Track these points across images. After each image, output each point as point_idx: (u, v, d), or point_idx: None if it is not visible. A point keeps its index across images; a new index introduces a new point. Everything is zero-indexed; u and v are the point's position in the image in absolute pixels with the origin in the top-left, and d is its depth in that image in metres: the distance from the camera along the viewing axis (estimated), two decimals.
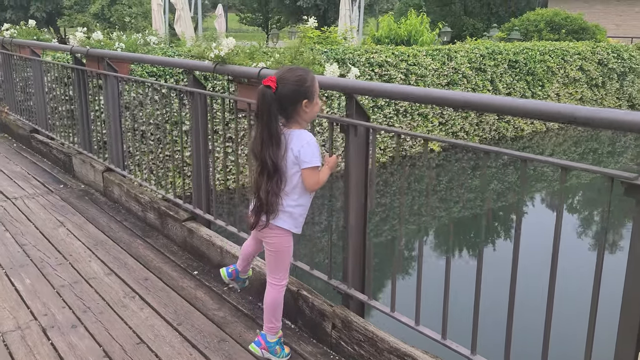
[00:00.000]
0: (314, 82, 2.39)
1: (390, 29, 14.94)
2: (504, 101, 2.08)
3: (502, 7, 44.86)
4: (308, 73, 2.41)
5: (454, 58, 13.40)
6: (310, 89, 2.37)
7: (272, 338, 2.62)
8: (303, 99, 2.36)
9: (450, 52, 13.45)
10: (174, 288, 3.39)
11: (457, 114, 13.32)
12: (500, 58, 14.25)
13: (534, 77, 14.93)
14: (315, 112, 2.43)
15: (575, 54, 16.17)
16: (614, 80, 17.36)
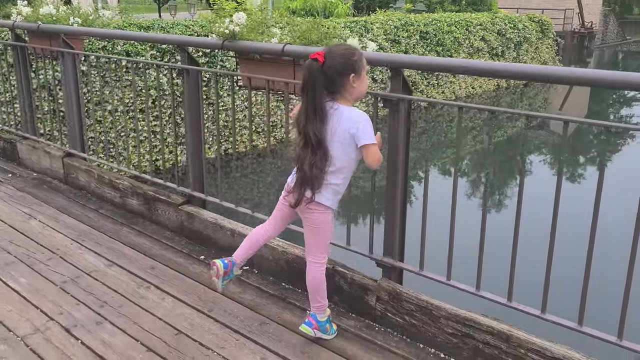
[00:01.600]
0: (362, 57, 2.38)
1: (305, 1, 14.90)
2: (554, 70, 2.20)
3: None
4: (354, 49, 2.39)
5: (371, 30, 13.65)
6: (358, 63, 2.35)
7: (322, 317, 2.62)
8: (351, 72, 2.34)
9: (366, 24, 13.68)
10: (187, 275, 3.27)
11: (377, 85, 13.61)
12: (413, 29, 14.70)
13: (444, 48, 15.55)
14: (363, 89, 2.42)
15: (477, 25, 17.01)
16: (512, 49, 18.49)
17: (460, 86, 16.14)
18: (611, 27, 39.28)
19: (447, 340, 2.52)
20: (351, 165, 2.46)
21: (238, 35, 3.03)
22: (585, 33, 32.39)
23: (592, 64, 31.06)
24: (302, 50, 2.81)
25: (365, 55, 2.45)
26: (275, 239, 3.28)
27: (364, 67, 2.38)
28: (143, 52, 9.84)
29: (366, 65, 2.40)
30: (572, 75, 2.14)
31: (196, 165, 3.65)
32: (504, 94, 17.83)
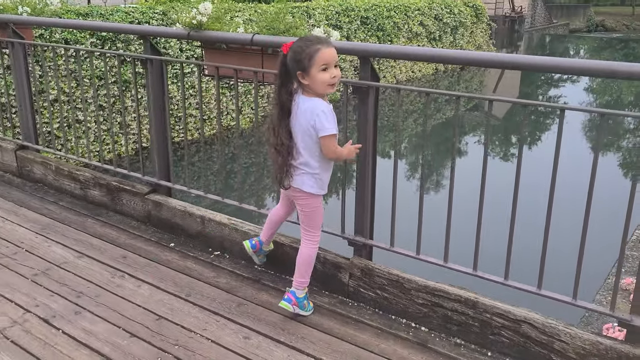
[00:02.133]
0: (314, 54, 2.38)
1: None
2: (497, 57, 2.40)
3: None
4: (308, 45, 2.41)
5: (313, 15, 13.73)
6: (304, 62, 2.39)
7: (301, 293, 2.76)
8: (297, 70, 2.42)
9: (308, 10, 13.75)
10: (159, 262, 3.32)
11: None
12: (354, 15, 14.88)
13: (384, 33, 15.83)
14: (316, 86, 2.44)
15: (415, 10, 17.38)
16: (449, 34, 19.00)
17: (400, 70, 16.51)
18: (539, 11, 40.87)
19: (418, 311, 2.71)
20: (321, 154, 2.56)
21: (204, 26, 3.08)
22: (516, 17, 33.59)
23: (523, 47, 32.28)
24: (270, 40, 2.90)
25: (335, 45, 2.56)
26: (245, 223, 3.39)
27: (314, 65, 2.39)
28: (82, 39, 9.58)
29: (323, 61, 2.39)
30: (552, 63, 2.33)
31: (161, 154, 3.68)
32: (442, 77, 18.38)
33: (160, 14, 10.66)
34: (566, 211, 2.79)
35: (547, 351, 2.37)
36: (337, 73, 2.45)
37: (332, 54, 2.43)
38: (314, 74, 2.40)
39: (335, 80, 2.44)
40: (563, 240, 3.26)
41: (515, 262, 2.54)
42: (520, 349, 2.45)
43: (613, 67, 2.09)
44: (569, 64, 2.35)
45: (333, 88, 2.46)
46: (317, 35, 2.54)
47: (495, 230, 2.87)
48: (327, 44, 2.44)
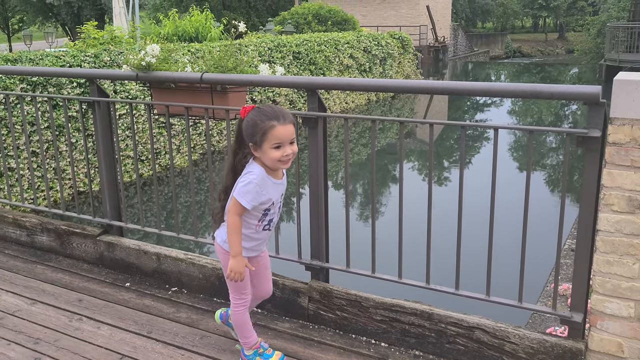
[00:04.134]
0: (267, 131, 2.28)
1: (177, 26, 14.86)
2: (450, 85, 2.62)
3: (259, 1, 46.65)
4: (263, 120, 2.30)
5: (246, 52, 13.93)
6: (257, 136, 2.30)
7: (249, 352, 2.67)
8: (249, 141, 2.35)
9: (241, 47, 13.95)
10: (117, 302, 3.31)
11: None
12: (286, 50, 15.21)
13: (316, 66, 16.22)
14: (267, 160, 2.35)
15: (345, 43, 17.93)
16: (378, 65, 19.67)
17: (334, 102, 16.91)
18: (460, 40, 42.90)
19: (377, 327, 2.84)
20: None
21: (153, 67, 3.17)
22: (440, 47, 35.12)
23: (448, 74, 33.68)
24: (219, 77, 3.02)
25: (283, 79, 2.71)
26: (202, 257, 3.44)
27: (266, 141, 2.29)
28: (12, 85, 9.36)
29: (276, 139, 2.29)
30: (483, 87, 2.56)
31: (112, 194, 3.69)
32: (374, 107, 18.92)
33: (92, 57, 10.56)
34: (508, 225, 3.01)
35: (499, 353, 2.55)
36: (291, 150, 2.34)
37: (287, 132, 2.30)
38: (265, 149, 2.31)
39: (287, 158, 2.33)
40: (507, 251, 3.49)
41: (464, 273, 2.72)
42: (474, 354, 2.61)
43: (537, 89, 2.33)
44: (497, 88, 2.60)
45: (285, 164, 2.36)
46: (274, 108, 2.35)
47: (444, 245, 3.05)
48: (283, 119, 2.30)
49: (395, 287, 2.85)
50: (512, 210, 2.51)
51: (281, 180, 2.50)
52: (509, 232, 3.47)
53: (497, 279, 2.79)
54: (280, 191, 2.51)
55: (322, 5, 21.83)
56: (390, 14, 35.31)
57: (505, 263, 3.46)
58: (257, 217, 2.48)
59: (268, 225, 2.54)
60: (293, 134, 2.35)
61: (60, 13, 36.67)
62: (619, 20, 29.36)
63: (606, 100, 2.26)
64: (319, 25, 21.19)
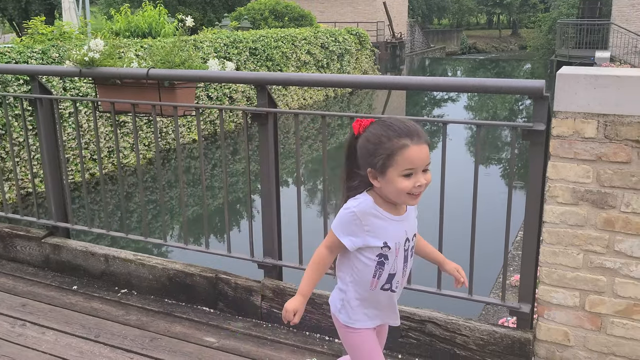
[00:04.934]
0: (396, 152, 1.69)
1: (129, 22, 14.52)
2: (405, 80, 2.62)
3: None
4: (391, 137, 1.71)
5: (201, 48, 13.74)
6: (380, 158, 1.71)
7: None
8: (368, 165, 1.75)
9: (196, 43, 13.75)
10: (63, 306, 3.20)
11: (212, 103, 13.73)
12: (242, 46, 15.07)
13: (273, 63, 16.13)
14: (389, 192, 1.76)
15: (302, 39, 17.89)
16: (335, 61, 19.69)
17: (292, 98, 16.85)
18: (417, 36, 43.38)
19: (331, 324, 2.81)
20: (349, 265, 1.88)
21: (97, 62, 3.07)
22: (396, 43, 35.41)
23: (405, 70, 34.03)
24: (166, 73, 2.94)
25: (232, 75, 2.66)
26: (152, 257, 3.36)
27: (393, 166, 1.70)
28: None
29: (409, 163, 1.69)
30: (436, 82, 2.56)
31: (57, 195, 3.56)
32: (332, 103, 18.96)
33: (39, 53, 10.22)
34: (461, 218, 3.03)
35: (451, 346, 2.56)
36: (425, 180, 1.73)
37: (422, 155, 1.71)
38: (390, 177, 1.71)
39: (418, 190, 1.74)
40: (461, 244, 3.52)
41: (417, 267, 2.73)
42: (427, 348, 2.62)
43: (484, 83, 2.35)
44: (448, 82, 2.61)
45: (414, 200, 1.76)
46: (406, 123, 1.76)
47: None
48: (418, 138, 1.71)
49: None
50: (466, 204, 2.52)
51: (403, 215, 1.85)
52: (462, 226, 3.50)
53: None
54: (402, 231, 1.85)
55: (279, 1, 21.71)
56: (348, 10, 35.42)
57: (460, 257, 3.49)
58: (370, 267, 1.84)
59: (389, 285, 1.87)
60: (429, 157, 1.74)
61: (7, 8, 35.37)
62: (568, 17, 30.20)
63: (550, 94, 2.29)
64: (276, 21, 21.07)
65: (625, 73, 2.13)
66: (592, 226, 2.24)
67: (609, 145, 2.15)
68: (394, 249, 1.82)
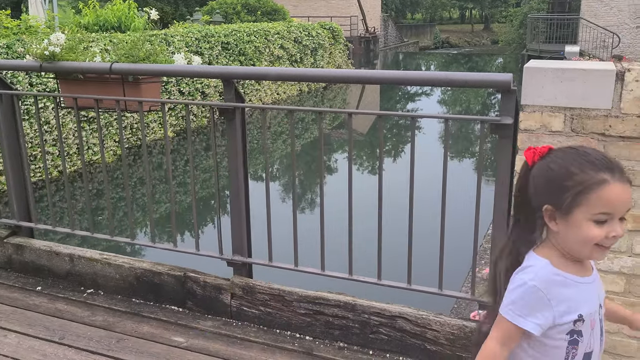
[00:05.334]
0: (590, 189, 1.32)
1: (98, 16, 14.24)
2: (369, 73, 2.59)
3: None
4: (585, 169, 1.34)
5: (172, 42, 13.55)
6: (568, 194, 1.34)
7: None
8: (546, 202, 1.38)
9: (167, 37, 13.56)
10: (26, 308, 3.11)
11: (184, 98, 13.56)
12: (214, 41, 14.91)
13: (246, 57, 15.99)
14: (572, 243, 1.37)
15: (275, 34, 17.78)
16: (309, 55, 19.63)
17: (266, 93, 16.75)
18: (391, 31, 43.51)
19: (301, 321, 2.79)
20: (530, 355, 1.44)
21: (58, 56, 2.97)
22: (370, 37, 35.48)
23: (379, 65, 34.12)
24: (130, 67, 2.87)
25: (198, 69, 2.60)
26: (119, 256, 3.29)
27: (587, 205, 1.32)
28: None
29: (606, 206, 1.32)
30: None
31: (20, 194, 3.46)
32: (306, 98, 18.92)
33: (4, 48, 9.96)
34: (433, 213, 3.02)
35: (421, 341, 2.55)
36: (621, 230, 1.36)
37: (624, 197, 1.35)
38: (577, 220, 1.34)
39: (611, 242, 1.37)
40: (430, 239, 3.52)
41: (387, 263, 2.71)
42: (398, 343, 2.61)
43: (450, 77, 2.33)
44: (416, 76, 2.59)
45: (602, 253, 1.38)
46: (603, 153, 1.42)
47: (368, 236, 3.03)
48: (620, 174, 1.35)
49: (319, 279, 2.81)
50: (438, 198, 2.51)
51: (592, 275, 1.47)
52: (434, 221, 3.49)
53: (423, 267, 2.79)
54: (594, 297, 1.45)
55: None
56: (321, 4, 35.33)
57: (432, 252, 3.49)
58: (561, 350, 1.42)
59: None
60: (630, 201, 1.38)
61: None
62: (539, 12, 30.58)
63: (519, 88, 2.28)
64: (249, 15, 20.89)
65: (591, 66, 2.13)
66: None
67: (575, 139, 2.15)
68: (588, 321, 1.41)
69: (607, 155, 1.40)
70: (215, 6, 21.50)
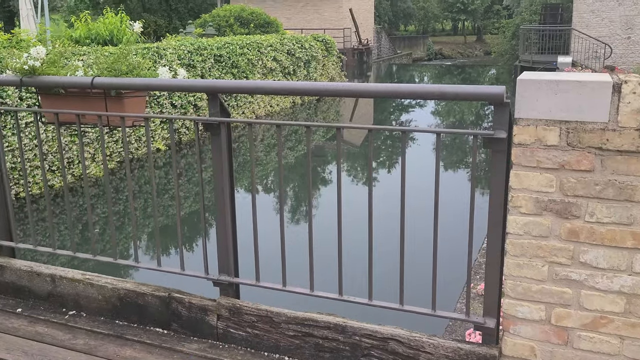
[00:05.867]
0: None
1: (89, 29, 14.17)
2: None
3: (180, 3, 45.74)
4: None
5: (164, 55, 13.49)
6: None
7: None
8: None
9: (159, 50, 13.50)
10: (5, 331, 2.99)
11: (177, 111, 13.47)
12: (207, 53, 14.85)
13: (239, 70, 15.94)
14: None
15: (268, 46, 17.76)
16: (302, 67, 19.61)
17: (259, 105, 16.69)
18: (384, 43, 43.64)
19: (290, 343, 2.68)
20: None
21: (38, 71, 2.88)
22: (363, 49, 35.54)
23: (372, 77, 34.17)
24: (112, 82, 2.78)
25: (182, 83, 2.52)
26: (102, 276, 3.18)
27: None
28: None
29: None
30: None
31: (0, 212, 3.35)
32: (300, 110, 18.86)
33: None
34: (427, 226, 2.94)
35: None
36: None
37: None
38: None
39: None
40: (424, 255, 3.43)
41: (379, 282, 2.62)
42: None
43: (442, 90, 2.25)
44: (408, 89, 2.51)
45: None
46: None
47: (359, 253, 2.94)
48: None
49: (308, 300, 2.70)
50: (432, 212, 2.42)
51: None
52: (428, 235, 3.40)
53: (417, 285, 2.70)
54: None
55: (244, 8, 21.53)
56: (314, 17, 35.43)
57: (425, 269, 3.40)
58: None
59: None
60: None
61: None
62: (531, 23, 30.74)
63: (512, 99, 2.21)
64: (242, 27, 20.87)
65: (586, 78, 2.05)
66: (556, 237, 2.15)
67: (571, 153, 2.07)
68: None
69: None
70: (208, 19, 21.49)
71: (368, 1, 40.12)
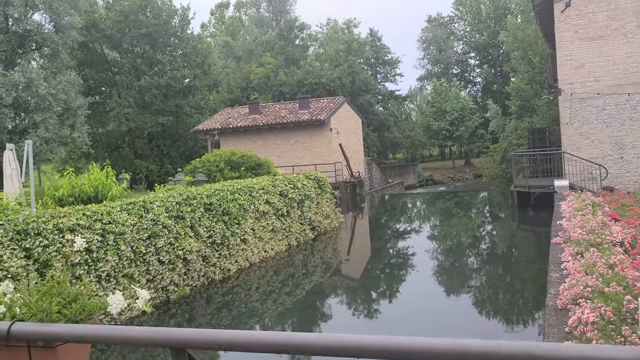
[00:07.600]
0: None
1: (73, 187, 13.71)
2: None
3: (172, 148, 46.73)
4: None
5: (151, 209, 12.88)
6: None
7: None
8: None
9: (145, 204, 12.91)
10: None
11: (165, 267, 12.62)
12: (196, 203, 14.29)
13: (230, 217, 15.32)
14: None
15: (260, 189, 17.32)
16: (295, 207, 19.09)
17: (252, 252, 15.89)
18: (375, 173, 44.04)
19: None
20: None
21: None
22: (355, 182, 35.66)
23: (367, 208, 33.89)
24: (37, 329, 1.95)
25: (131, 333, 1.70)
26: None
27: None
28: None
29: None
30: None
31: None
32: (295, 252, 18.07)
33: None
34: None
35: None
36: None
37: None
38: None
39: None
40: None
41: None
42: None
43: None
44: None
45: None
46: None
47: None
48: None
49: None
50: None
51: None
52: None
53: None
54: None
55: (234, 152, 21.45)
56: (305, 153, 35.91)
57: None
58: None
59: None
60: None
61: None
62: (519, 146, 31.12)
63: None
64: (232, 171, 20.64)
65: None
66: None
67: None
68: None
69: None
70: (198, 165, 21.31)
71: (357, 135, 41.02)
